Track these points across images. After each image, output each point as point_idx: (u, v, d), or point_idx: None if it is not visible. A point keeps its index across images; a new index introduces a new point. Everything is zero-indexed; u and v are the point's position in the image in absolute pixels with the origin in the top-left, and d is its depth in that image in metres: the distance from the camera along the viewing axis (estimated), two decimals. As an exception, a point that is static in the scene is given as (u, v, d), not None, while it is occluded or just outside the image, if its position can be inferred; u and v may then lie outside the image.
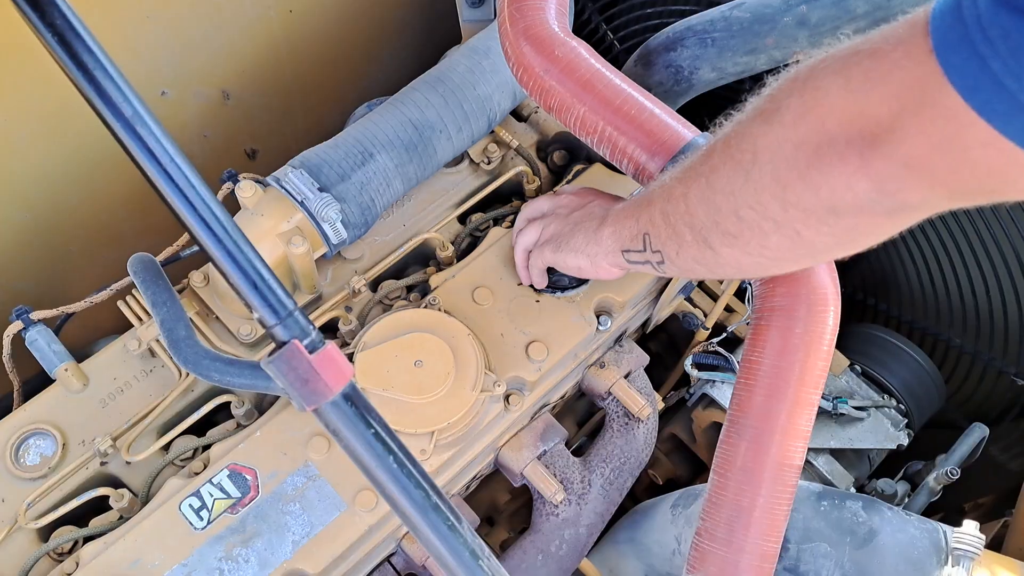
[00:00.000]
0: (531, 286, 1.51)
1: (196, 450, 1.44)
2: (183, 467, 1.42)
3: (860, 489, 1.85)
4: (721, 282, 1.80)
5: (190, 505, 1.31)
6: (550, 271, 1.48)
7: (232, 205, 1.32)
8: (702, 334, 1.83)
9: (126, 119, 0.76)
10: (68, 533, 1.36)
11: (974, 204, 0.84)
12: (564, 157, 1.79)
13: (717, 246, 1.04)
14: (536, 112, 1.81)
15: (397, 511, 0.92)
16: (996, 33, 0.68)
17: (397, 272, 1.63)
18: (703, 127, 1.30)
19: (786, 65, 0.93)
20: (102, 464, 1.42)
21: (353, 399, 0.87)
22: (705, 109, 2.01)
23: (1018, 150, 0.70)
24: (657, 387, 1.76)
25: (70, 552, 1.37)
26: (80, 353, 1.49)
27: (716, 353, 1.80)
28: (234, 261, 0.82)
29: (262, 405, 1.48)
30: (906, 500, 1.81)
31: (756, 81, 1.91)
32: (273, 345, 0.88)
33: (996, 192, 0.77)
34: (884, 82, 0.78)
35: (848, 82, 0.81)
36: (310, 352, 0.84)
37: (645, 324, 1.77)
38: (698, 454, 1.99)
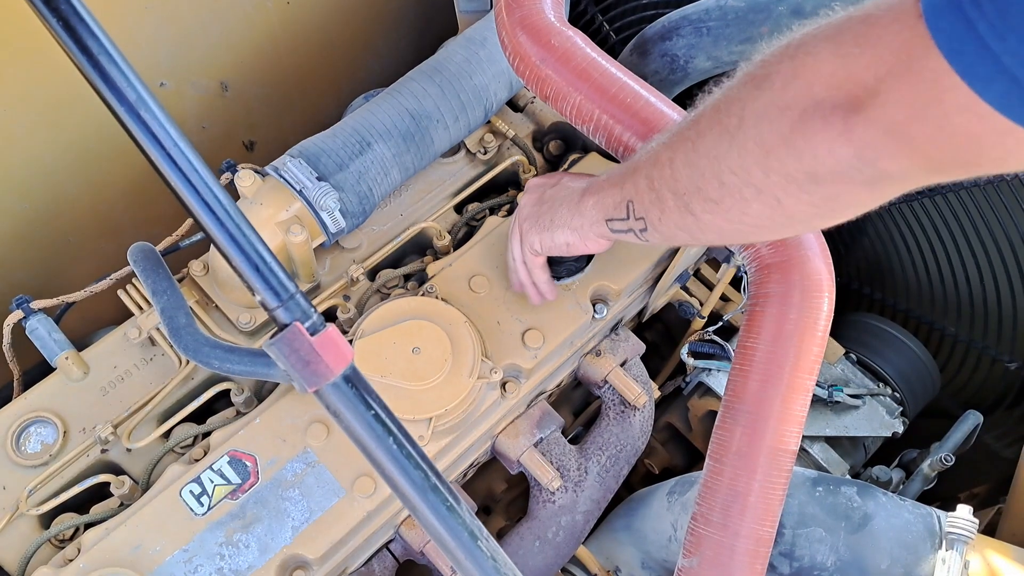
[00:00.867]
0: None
1: (196, 437, 1.45)
2: (183, 454, 1.44)
3: (855, 477, 1.86)
4: (717, 271, 1.81)
5: (191, 491, 1.32)
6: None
7: (231, 195, 1.33)
8: (698, 323, 1.84)
9: (130, 104, 0.76)
10: (69, 520, 1.38)
11: (953, 178, 0.82)
12: (560, 146, 1.80)
13: (699, 212, 1.04)
14: (532, 102, 1.82)
15: (397, 492, 0.93)
16: None
17: (395, 261, 1.64)
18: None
19: None
20: (103, 451, 1.43)
21: (354, 381, 0.88)
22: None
23: (997, 116, 0.69)
24: (653, 376, 1.77)
25: (71, 539, 1.38)
26: (80, 343, 1.50)
27: (712, 342, 1.81)
28: (236, 244, 0.83)
29: (261, 393, 1.49)
30: (901, 487, 1.82)
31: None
32: (274, 329, 0.89)
33: (973, 163, 0.77)
34: (872, 46, 0.77)
35: (838, 47, 0.81)
36: (311, 334, 0.85)
37: (641, 313, 1.78)
38: (694, 443, 2.00)
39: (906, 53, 0.74)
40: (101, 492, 1.41)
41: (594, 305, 1.53)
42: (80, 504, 1.41)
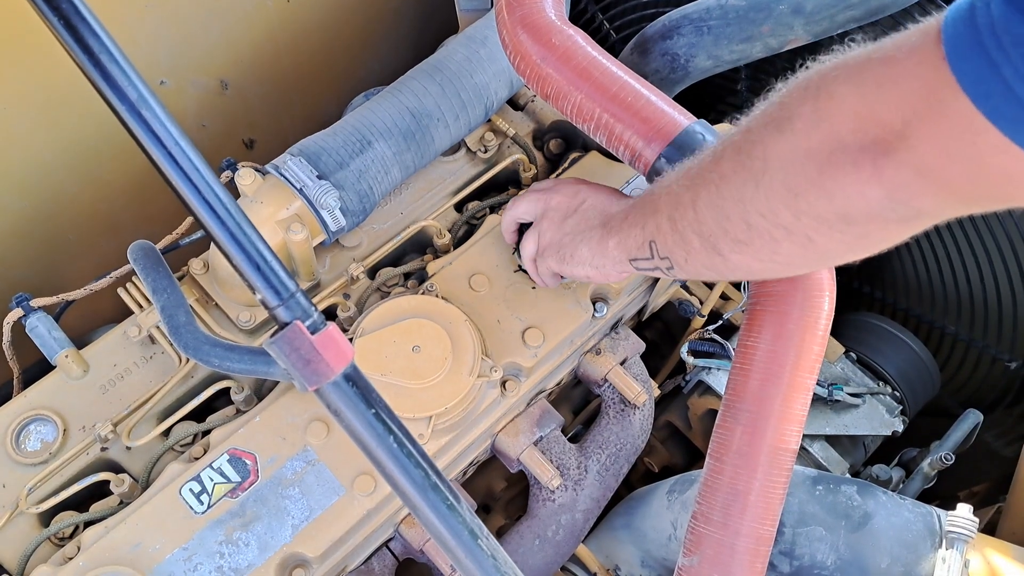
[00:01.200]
0: (526, 272, 1.52)
1: (196, 435, 1.45)
2: (183, 452, 1.43)
3: (855, 475, 1.86)
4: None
5: (190, 489, 1.32)
6: None
7: (231, 193, 1.33)
8: (698, 321, 1.84)
9: (131, 103, 0.77)
10: (69, 518, 1.38)
11: (988, 210, 0.83)
12: (560, 145, 1.80)
13: (727, 253, 1.03)
14: (533, 100, 1.82)
15: (397, 490, 0.93)
16: (1009, 40, 0.67)
17: (395, 259, 1.64)
18: (699, 114, 1.31)
19: (791, 70, 0.92)
20: (103, 449, 1.43)
21: (354, 379, 0.88)
22: (701, 96, 2.02)
23: None
24: (653, 375, 1.77)
25: (71, 537, 1.38)
26: (80, 340, 1.50)
27: (712, 340, 1.81)
28: (237, 243, 0.83)
29: (261, 391, 1.49)
30: (901, 486, 1.82)
31: (752, 69, 1.93)
32: (274, 327, 0.89)
33: (1010, 199, 0.77)
34: (897, 89, 0.77)
35: (861, 89, 0.81)
36: (312, 333, 0.85)
37: (641, 311, 1.78)
38: (694, 442, 2.00)
39: (932, 95, 0.74)
40: (101, 490, 1.41)
41: (594, 303, 1.53)
42: (80, 502, 1.41)
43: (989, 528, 1.82)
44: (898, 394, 1.94)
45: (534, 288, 1.52)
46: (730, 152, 0.98)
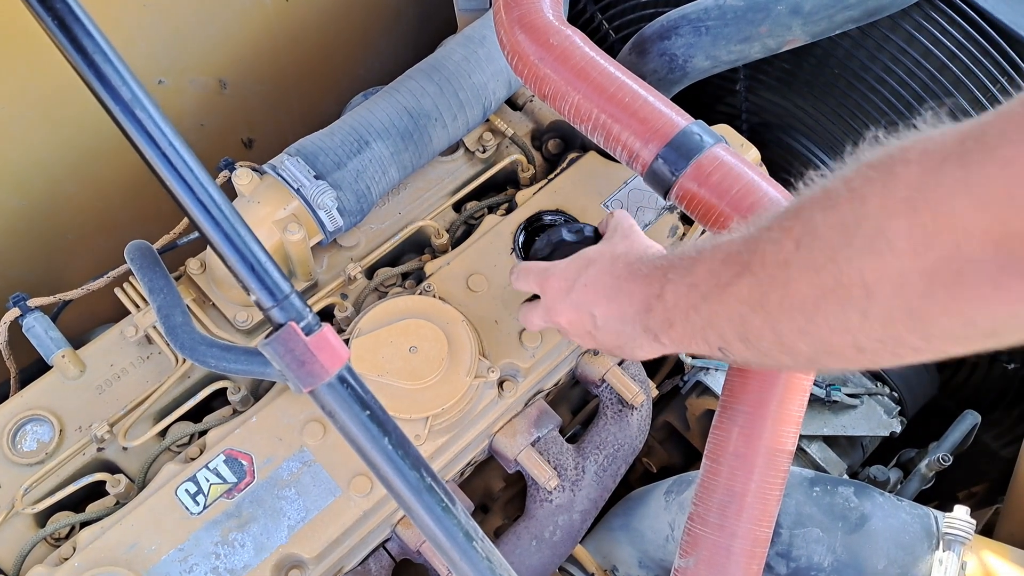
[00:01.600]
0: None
1: (192, 436, 1.45)
2: (179, 453, 1.43)
3: (853, 476, 1.86)
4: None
5: (186, 490, 1.32)
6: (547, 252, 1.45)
7: (228, 193, 1.32)
8: (697, 322, 1.83)
9: (124, 102, 0.76)
10: (65, 518, 1.37)
11: None
12: (559, 145, 1.80)
13: (827, 365, 0.93)
14: (531, 101, 1.82)
15: (392, 492, 0.93)
16: None
17: (393, 259, 1.64)
18: (697, 115, 1.31)
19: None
20: (99, 450, 1.42)
21: (349, 381, 0.88)
22: (700, 97, 2.02)
23: None
24: (651, 375, 1.77)
25: (67, 537, 1.38)
26: (77, 341, 1.50)
27: (710, 341, 1.80)
28: (231, 243, 0.83)
29: (258, 391, 1.49)
30: (899, 487, 1.82)
31: (750, 69, 1.93)
32: (270, 329, 0.88)
33: None
34: None
35: (977, 199, 0.69)
36: (306, 334, 0.85)
37: (639, 312, 1.78)
38: (692, 442, 2.00)
39: None
40: (97, 491, 1.40)
41: (592, 304, 1.53)
42: (76, 503, 1.40)
43: (987, 530, 1.82)
44: (896, 395, 1.94)
45: (532, 288, 1.52)
46: (802, 272, 0.84)
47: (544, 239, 1.44)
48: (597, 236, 1.39)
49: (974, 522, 1.44)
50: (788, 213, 0.87)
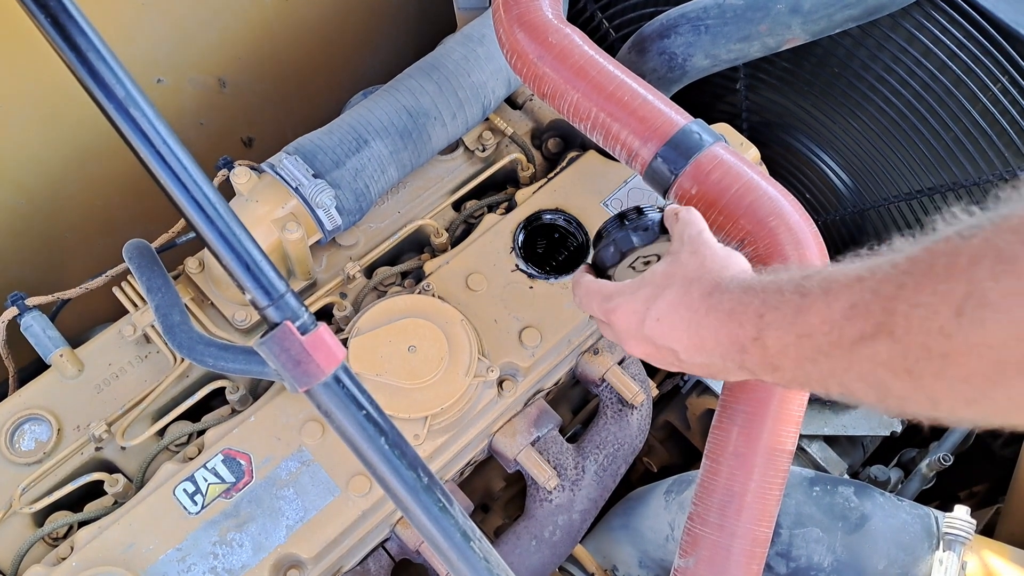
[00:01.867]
0: (524, 271, 1.51)
1: (191, 435, 1.44)
2: (178, 452, 1.43)
3: (854, 476, 1.86)
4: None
5: (184, 490, 1.32)
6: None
7: (227, 192, 1.32)
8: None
9: (119, 101, 0.76)
10: (63, 518, 1.37)
11: None
12: (559, 144, 1.80)
13: (992, 425, 0.79)
14: (531, 100, 1.81)
15: (388, 492, 0.92)
16: None
17: (392, 258, 1.64)
18: (697, 114, 1.30)
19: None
20: (97, 449, 1.42)
21: (344, 381, 0.88)
22: (699, 96, 2.01)
23: None
24: (651, 374, 1.76)
25: (65, 537, 1.38)
26: (75, 340, 1.50)
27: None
28: (227, 243, 0.83)
29: (257, 391, 1.49)
30: (899, 487, 1.81)
31: (750, 68, 1.92)
32: (266, 328, 0.88)
33: None
34: None
35: None
36: (302, 334, 0.85)
37: (639, 311, 1.77)
38: (692, 441, 1.99)
39: None
40: (95, 490, 1.40)
41: (592, 304, 1.53)
42: (74, 502, 1.40)
43: (988, 530, 1.82)
44: (897, 394, 1.93)
45: (531, 288, 1.52)
46: (971, 346, 0.71)
47: (611, 247, 1.25)
48: (663, 229, 1.23)
49: (974, 522, 1.44)
50: (936, 270, 0.73)
